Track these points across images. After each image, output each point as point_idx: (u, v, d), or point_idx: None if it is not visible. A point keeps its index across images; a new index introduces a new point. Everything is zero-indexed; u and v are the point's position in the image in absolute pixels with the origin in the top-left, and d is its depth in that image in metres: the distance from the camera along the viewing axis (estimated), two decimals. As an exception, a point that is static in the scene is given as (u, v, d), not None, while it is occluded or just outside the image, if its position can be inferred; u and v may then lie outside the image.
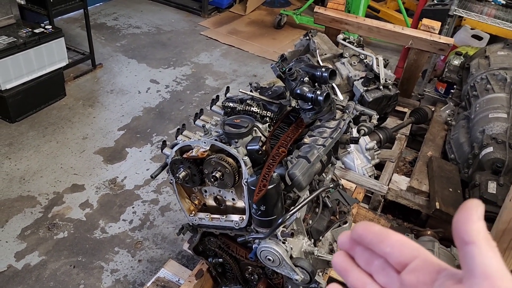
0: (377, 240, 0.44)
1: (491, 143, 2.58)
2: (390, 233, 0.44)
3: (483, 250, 0.36)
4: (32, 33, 3.31)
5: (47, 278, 2.32)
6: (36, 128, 3.37)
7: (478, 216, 0.38)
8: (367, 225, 0.46)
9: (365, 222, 0.47)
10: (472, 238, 0.37)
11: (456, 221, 0.38)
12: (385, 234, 0.44)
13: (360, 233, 0.46)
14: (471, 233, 0.37)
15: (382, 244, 0.44)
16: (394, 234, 0.44)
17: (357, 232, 0.46)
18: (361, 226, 0.46)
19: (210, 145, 1.57)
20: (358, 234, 0.46)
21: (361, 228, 0.46)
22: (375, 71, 2.75)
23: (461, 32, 4.14)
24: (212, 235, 1.80)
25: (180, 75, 4.29)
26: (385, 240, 0.44)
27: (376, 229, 0.45)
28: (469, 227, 0.37)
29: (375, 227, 0.45)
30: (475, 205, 0.38)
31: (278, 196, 1.45)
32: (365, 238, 0.45)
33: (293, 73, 1.58)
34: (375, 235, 0.45)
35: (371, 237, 0.45)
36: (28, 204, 2.73)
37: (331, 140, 1.56)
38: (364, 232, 0.46)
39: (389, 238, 0.44)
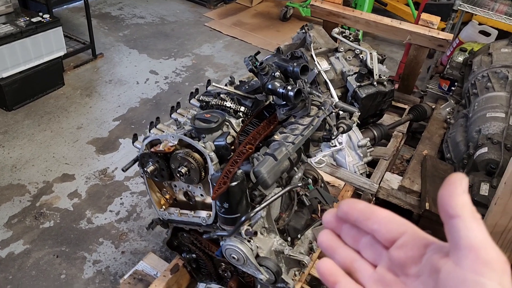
0: (363, 217, 0.44)
1: (486, 143, 2.49)
2: (376, 209, 0.44)
3: (468, 223, 0.37)
4: (30, 22, 3.31)
5: (30, 267, 2.34)
6: (32, 117, 3.39)
7: (463, 189, 0.38)
8: (352, 202, 0.45)
9: (349, 199, 0.46)
10: (456, 212, 0.37)
11: (441, 195, 0.38)
12: (371, 210, 0.44)
13: (346, 210, 0.45)
14: (455, 207, 0.37)
15: (369, 221, 0.43)
16: (381, 210, 0.43)
17: (343, 209, 0.46)
18: (346, 204, 0.46)
19: (178, 139, 1.53)
20: (344, 211, 0.46)
21: (346, 206, 0.45)
22: (369, 67, 2.68)
23: (468, 27, 4.01)
24: (183, 231, 1.77)
25: (180, 67, 4.26)
26: (372, 217, 0.43)
27: (361, 206, 0.45)
28: (453, 201, 0.37)
29: (361, 204, 0.45)
30: (460, 178, 0.38)
31: (243, 194, 1.41)
32: (351, 215, 0.45)
33: (265, 68, 1.53)
34: (361, 212, 0.44)
35: (357, 215, 0.44)
36: (17, 192, 2.75)
37: (301, 137, 1.51)
38: (350, 210, 0.45)
39: (375, 215, 0.43)
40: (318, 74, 2.72)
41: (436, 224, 2.47)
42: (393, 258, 0.42)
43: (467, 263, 0.36)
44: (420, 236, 0.41)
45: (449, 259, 0.37)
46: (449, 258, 0.37)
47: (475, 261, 0.35)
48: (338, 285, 0.45)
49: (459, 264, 0.36)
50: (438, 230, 1.81)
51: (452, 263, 0.37)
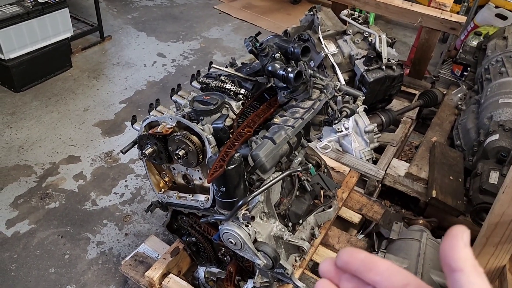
0: (365, 268, 0.43)
1: (497, 130, 2.41)
2: (378, 260, 0.43)
3: (471, 277, 0.37)
4: (37, 2, 3.30)
5: (35, 246, 2.36)
6: (39, 99, 3.39)
7: (465, 242, 0.38)
8: (352, 252, 0.45)
9: (349, 248, 0.45)
10: (459, 265, 0.37)
11: (443, 248, 0.38)
12: (373, 262, 0.43)
13: (345, 260, 0.44)
14: (458, 260, 0.37)
15: (371, 273, 0.43)
16: (382, 261, 0.43)
17: (342, 259, 0.45)
18: (346, 253, 0.45)
19: (176, 121, 1.51)
20: (343, 261, 0.45)
21: (346, 255, 0.45)
22: (378, 50, 2.61)
23: (484, 10, 3.88)
24: (183, 214, 1.76)
25: (188, 50, 4.22)
26: (374, 268, 0.43)
27: (362, 256, 0.44)
28: (456, 254, 0.37)
29: (361, 254, 0.44)
30: (461, 231, 0.38)
31: (240, 178, 1.38)
32: (351, 266, 0.44)
33: (265, 49, 1.49)
34: (362, 263, 0.43)
35: (357, 265, 0.44)
36: (24, 173, 2.77)
37: (302, 121, 1.47)
38: (350, 260, 0.44)
39: (377, 266, 0.43)
40: (325, 58, 2.66)
41: (442, 212, 2.42)
42: None
43: None
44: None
45: None
46: None
47: None
48: None
49: None
50: (444, 218, 1.78)
51: None
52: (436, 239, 2.12)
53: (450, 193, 2.40)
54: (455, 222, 2.42)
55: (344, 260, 0.44)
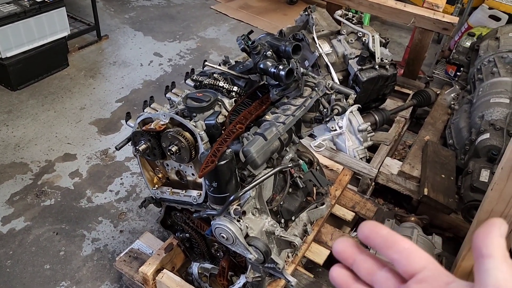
0: (385, 245, 0.43)
1: (488, 129, 2.45)
2: (399, 239, 0.43)
3: (500, 264, 0.36)
4: (34, 1, 3.32)
5: (30, 243, 2.38)
6: (36, 97, 3.41)
7: (501, 233, 0.38)
8: (374, 226, 0.44)
9: (370, 222, 0.44)
10: (490, 252, 0.37)
11: (477, 234, 0.38)
12: (394, 239, 0.43)
13: (367, 234, 0.44)
14: (490, 247, 0.37)
15: (390, 250, 0.42)
16: (404, 240, 0.42)
17: (363, 233, 0.44)
18: (368, 227, 0.44)
19: (170, 118, 1.53)
20: (365, 235, 0.44)
21: (367, 229, 0.44)
22: (371, 50, 2.64)
23: (478, 12, 3.92)
24: (176, 210, 1.79)
25: (185, 49, 4.25)
26: (394, 246, 0.42)
27: (384, 232, 0.43)
28: (489, 241, 0.37)
29: (384, 230, 0.43)
30: (500, 222, 0.38)
31: (231, 173, 1.41)
32: (372, 240, 0.44)
33: (257, 47, 1.52)
34: (383, 239, 0.43)
35: (378, 241, 0.43)
36: (20, 170, 2.78)
37: (293, 118, 1.50)
38: (372, 235, 0.44)
39: (397, 245, 0.42)
40: (320, 57, 2.69)
41: (433, 210, 2.45)
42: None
43: None
44: (442, 273, 0.40)
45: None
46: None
47: None
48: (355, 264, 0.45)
49: None
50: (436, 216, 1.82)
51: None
52: (427, 236, 2.15)
53: (442, 191, 2.43)
54: (447, 220, 2.47)
55: (366, 234, 0.44)
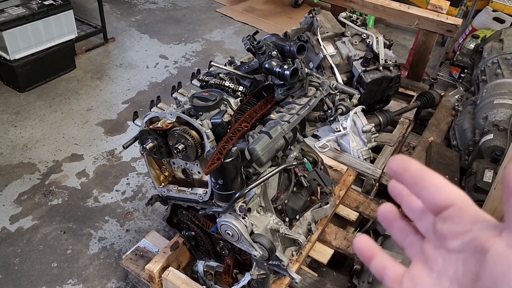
0: (413, 181, 0.39)
1: (492, 130, 2.46)
2: (428, 174, 0.39)
3: None
4: (42, 4, 3.37)
5: (38, 241, 2.41)
6: (43, 98, 3.46)
7: None
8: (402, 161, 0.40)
9: (400, 156, 0.40)
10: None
11: (508, 169, 0.33)
12: (422, 175, 0.39)
13: (394, 170, 0.40)
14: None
15: (417, 186, 0.39)
16: (433, 175, 0.39)
17: (391, 168, 0.41)
18: (397, 161, 0.40)
19: (176, 117, 1.56)
20: (392, 170, 0.41)
21: (396, 165, 0.40)
22: (375, 51, 2.66)
23: (482, 14, 3.93)
24: (182, 208, 1.81)
25: (190, 52, 4.29)
26: (421, 182, 0.39)
27: (413, 167, 0.39)
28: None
29: (413, 165, 0.39)
30: None
31: (237, 171, 1.43)
32: (400, 176, 0.40)
33: (262, 47, 1.54)
34: (411, 175, 0.39)
35: (407, 177, 0.40)
36: (27, 170, 2.82)
37: (297, 117, 1.52)
38: (399, 170, 0.40)
39: (425, 180, 0.39)
40: (324, 59, 2.72)
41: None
42: (436, 230, 0.38)
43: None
44: (469, 211, 0.37)
45: (502, 239, 0.33)
46: (501, 239, 0.33)
47: None
48: (374, 260, 0.43)
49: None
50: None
51: (505, 245, 0.32)
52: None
53: (445, 191, 2.44)
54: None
55: (393, 169, 0.40)
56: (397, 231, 0.44)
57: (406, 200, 0.43)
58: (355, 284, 2.24)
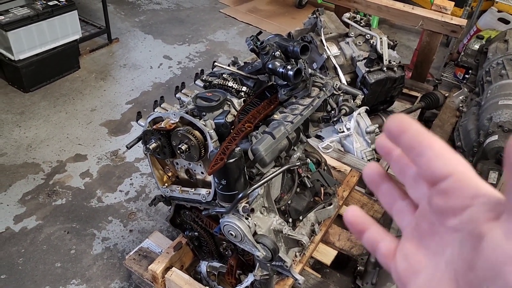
0: (409, 144, 0.35)
1: (497, 131, 2.44)
2: (426, 139, 0.34)
3: None
4: (46, 5, 3.38)
5: (41, 241, 2.42)
6: (48, 99, 3.47)
7: None
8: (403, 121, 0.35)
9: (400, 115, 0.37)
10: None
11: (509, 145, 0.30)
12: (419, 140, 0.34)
13: (391, 130, 0.36)
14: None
15: (413, 152, 0.35)
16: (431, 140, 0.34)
17: (389, 128, 0.36)
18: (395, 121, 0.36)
19: (180, 117, 1.56)
20: (389, 131, 0.36)
21: (393, 125, 0.36)
22: (379, 52, 2.66)
23: (487, 15, 3.92)
24: (185, 208, 1.81)
25: (194, 52, 4.29)
26: (417, 148, 0.34)
27: (412, 129, 0.35)
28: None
29: (412, 125, 0.35)
30: None
31: (240, 171, 1.43)
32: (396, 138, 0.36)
33: (265, 47, 1.54)
34: (409, 137, 0.35)
35: (404, 139, 0.35)
36: (32, 170, 2.83)
37: (300, 117, 1.52)
38: (397, 131, 0.36)
39: (421, 145, 0.34)
40: (328, 59, 2.71)
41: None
42: (431, 204, 0.35)
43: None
44: (468, 183, 0.33)
45: (500, 226, 0.29)
46: (499, 225, 0.29)
47: None
48: (366, 233, 0.41)
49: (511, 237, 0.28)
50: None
51: (502, 234, 0.29)
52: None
53: (449, 193, 2.43)
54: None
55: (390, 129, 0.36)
56: (384, 195, 0.41)
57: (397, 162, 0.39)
58: (358, 285, 2.23)
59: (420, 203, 0.37)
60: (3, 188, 2.69)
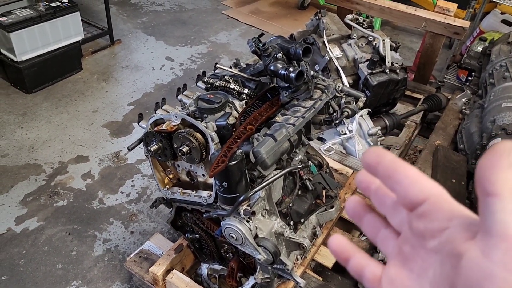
0: (386, 174, 0.37)
1: (500, 133, 2.43)
2: (401, 166, 0.36)
3: (508, 205, 0.29)
4: (49, 6, 3.39)
5: (43, 243, 2.42)
6: (50, 100, 3.47)
7: (509, 163, 0.30)
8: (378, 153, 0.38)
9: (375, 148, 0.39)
10: (496, 189, 0.30)
11: (480, 166, 0.31)
12: (395, 167, 0.36)
13: (368, 162, 0.38)
14: (495, 183, 0.30)
15: (390, 180, 0.37)
16: (405, 168, 0.36)
17: (366, 161, 0.38)
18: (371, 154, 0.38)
19: (181, 119, 1.56)
20: (366, 163, 0.38)
21: (370, 157, 0.38)
22: (382, 54, 2.65)
23: (490, 16, 3.90)
24: (186, 211, 1.80)
25: (196, 54, 4.29)
26: (394, 176, 0.36)
27: (387, 159, 0.37)
28: (494, 176, 0.30)
29: (387, 156, 0.37)
30: (508, 149, 0.30)
31: (241, 174, 1.42)
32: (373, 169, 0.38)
33: (267, 49, 1.54)
34: (385, 167, 0.37)
35: (381, 170, 0.37)
36: (33, 171, 2.83)
37: (302, 119, 1.51)
38: (373, 162, 0.38)
39: (397, 173, 0.36)
40: (330, 61, 2.70)
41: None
42: (411, 227, 0.36)
43: (498, 254, 0.29)
44: (444, 206, 0.35)
45: (476, 244, 0.31)
46: (475, 243, 0.31)
47: (508, 254, 0.29)
48: (351, 261, 0.42)
49: (488, 255, 0.30)
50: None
51: (479, 251, 0.30)
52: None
53: (452, 196, 2.40)
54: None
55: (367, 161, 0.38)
56: (368, 226, 0.42)
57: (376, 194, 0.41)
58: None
59: (401, 229, 0.39)
60: (5, 189, 2.69)
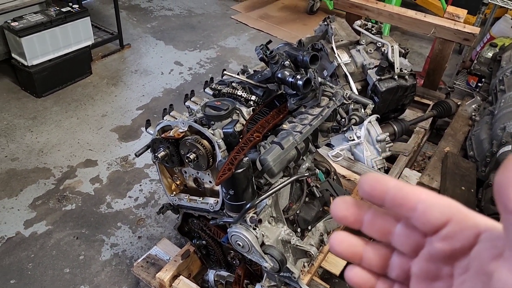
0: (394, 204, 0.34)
1: (510, 141, 2.40)
2: (410, 192, 0.34)
3: None
4: (59, 11, 3.42)
5: (51, 246, 2.43)
6: (60, 104, 3.50)
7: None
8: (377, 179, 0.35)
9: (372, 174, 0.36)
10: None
11: (497, 183, 0.30)
12: (403, 194, 0.34)
13: (369, 192, 0.35)
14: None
15: (403, 208, 0.34)
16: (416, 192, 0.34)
17: (364, 190, 0.35)
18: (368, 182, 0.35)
19: (188, 126, 1.56)
20: (366, 193, 0.35)
21: (368, 185, 0.35)
22: (390, 60, 2.63)
23: (500, 22, 3.86)
24: (193, 217, 1.80)
25: (205, 58, 4.31)
26: (406, 204, 0.34)
27: (391, 186, 0.34)
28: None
29: (389, 183, 0.35)
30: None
31: (248, 181, 1.42)
32: (377, 198, 0.35)
33: (275, 56, 1.54)
34: (391, 196, 0.34)
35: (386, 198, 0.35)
36: (42, 175, 2.86)
37: (310, 127, 1.50)
38: (375, 191, 0.35)
39: (409, 200, 0.34)
40: (338, 67, 2.69)
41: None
42: (435, 250, 0.35)
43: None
44: (469, 224, 0.33)
45: (504, 263, 0.30)
46: (504, 262, 0.30)
47: None
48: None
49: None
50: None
51: (508, 271, 0.30)
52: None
53: (461, 203, 2.38)
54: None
55: (367, 191, 0.35)
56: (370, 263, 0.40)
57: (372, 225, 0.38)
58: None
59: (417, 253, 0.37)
60: (14, 193, 2.71)
